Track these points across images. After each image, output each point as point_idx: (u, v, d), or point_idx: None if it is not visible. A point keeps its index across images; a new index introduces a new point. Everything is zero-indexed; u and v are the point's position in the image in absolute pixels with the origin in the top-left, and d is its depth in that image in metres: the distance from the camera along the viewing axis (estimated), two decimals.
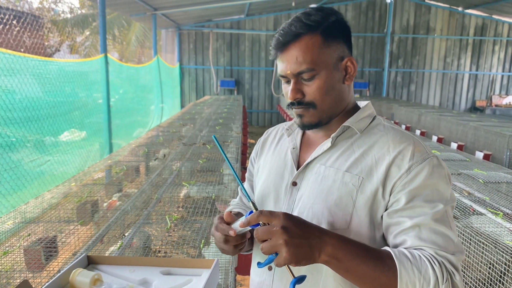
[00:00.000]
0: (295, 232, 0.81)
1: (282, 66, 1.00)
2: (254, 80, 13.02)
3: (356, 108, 1.07)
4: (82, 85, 5.78)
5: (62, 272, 1.14)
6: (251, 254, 1.20)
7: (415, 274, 0.82)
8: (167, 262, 1.24)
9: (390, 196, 0.92)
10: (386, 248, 0.88)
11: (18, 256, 1.51)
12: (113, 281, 1.13)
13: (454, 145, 5.19)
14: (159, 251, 2.00)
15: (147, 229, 2.05)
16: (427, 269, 0.83)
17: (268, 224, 0.83)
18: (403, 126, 7.41)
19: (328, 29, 0.97)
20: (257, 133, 11.76)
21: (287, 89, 1.02)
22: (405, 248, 0.88)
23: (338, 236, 0.85)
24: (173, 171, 3.06)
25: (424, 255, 0.85)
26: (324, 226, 0.96)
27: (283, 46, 0.98)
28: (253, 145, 10.27)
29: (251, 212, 0.88)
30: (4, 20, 3.93)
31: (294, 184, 1.04)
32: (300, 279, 0.84)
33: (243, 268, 2.21)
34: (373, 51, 13.18)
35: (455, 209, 2.39)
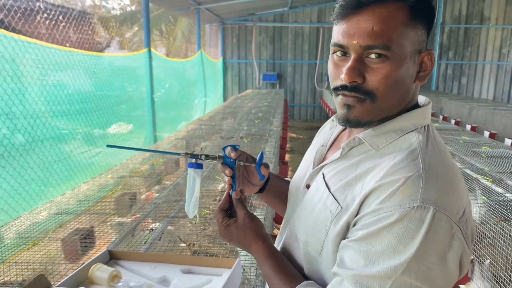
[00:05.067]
0: (232, 234, 0.92)
1: (347, 32, 0.76)
2: (296, 73, 12.87)
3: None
4: (129, 79, 5.94)
5: (81, 266, 1.13)
6: None
7: None
8: (188, 260, 1.20)
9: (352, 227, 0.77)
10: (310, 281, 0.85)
11: (48, 248, 1.54)
12: (132, 278, 1.11)
13: (508, 141, 4.84)
14: (193, 245, 1.98)
15: (177, 223, 2.04)
16: None
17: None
18: (453, 121, 7.03)
19: (419, 5, 0.77)
20: (298, 127, 11.62)
21: (340, 66, 0.79)
22: None
23: (264, 250, 0.89)
24: (209, 164, 3.04)
25: None
26: (300, 245, 0.90)
27: (358, 7, 0.75)
28: (294, 139, 10.15)
29: (260, 161, 0.96)
30: (55, 17, 4.09)
31: (308, 186, 0.95)
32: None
33: None
34: None
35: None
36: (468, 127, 6.47)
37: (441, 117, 7.73)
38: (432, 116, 8.14)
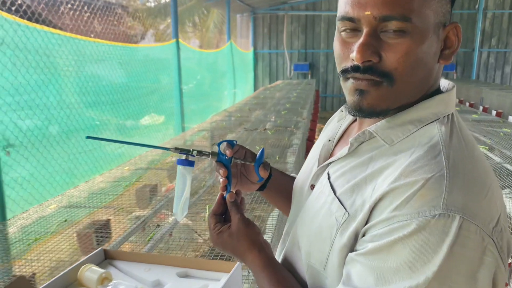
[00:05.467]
0: (226, 242, 0.82)
1: (358, 2, 0.64)
2: (329, 63, 12.57)
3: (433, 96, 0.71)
4: (160, 71, 5.99)
5: (71, 267, 1.07)
6: None
7: None
8: (185, 262, 1.11)
9: (361, 238, 0.65)
10: None
11: (54, 242, 1.50)
12: (123, 281, 1.03)
13: None
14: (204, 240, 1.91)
15: (189, 218, 1.97)
16: None
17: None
18: (493, 112, 6.64)
19: None
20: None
21: (349, 44, 0.67)
22: None
23: (261, 261, 0.79)
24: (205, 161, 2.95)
25: None
26: (303, 256, 0.78)
27: None
28: None
29: (260, 160, 0.87)
30: (90, 10, 4.14)
31: (312, 187, 0.82)
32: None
33: None
34: (462, 30, 11.99)
35: None
36: (511, 118, 6.08)
37: (481, 108, 7.32)
38: (461, 104, 7.73)
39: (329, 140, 0.86)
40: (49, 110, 3.31)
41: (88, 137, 0.82)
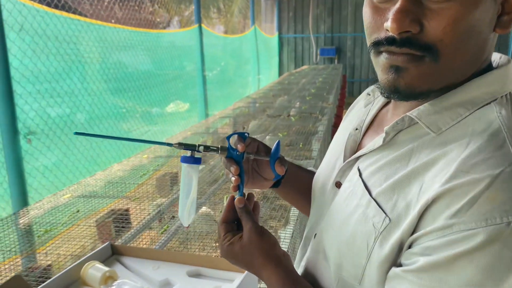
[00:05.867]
0: (237, 255, 0.69)
1: None
2: (357, 47, 12.21)
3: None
4: (183, 57, 5.95)
5: (75, 263, 0.99)
6: None
7: None
8: (197, 260, 1.02)
9: (407, 249, 0.54)
10: None
11: (75, 231, 1.44)
12: (128, 280, 0.95)
13: None
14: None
15: (208, 206, 1.88)
16: None
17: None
18: None
19: None
20: None
21: (382, 11, 0.55)
22: None
23: (278, 277, 0.66)
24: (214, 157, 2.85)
25: None
26: (331, 267, 0.66)
27: None
28: None
29: (276, 154, 0.76)
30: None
31: (338, 185, 0.71)
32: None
33: None
34: None
35: None
36: None
37: None
38: None
39: (356, 129, 0.74)
40: (70, 98, 3.29)
41: (76, 133, 0.73)
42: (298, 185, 0.90)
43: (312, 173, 0.91)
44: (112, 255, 1.08)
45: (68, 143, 3.16)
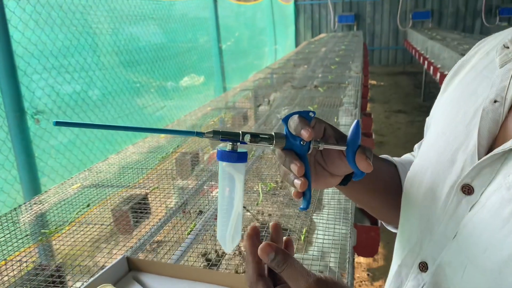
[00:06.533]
0: None
1: None
2: (376, 13, 11.64)
3: None
4: (197, 28, 5.66)
5: (88, 283, 0.76)
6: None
7: None
8: (231, 280, 0.78)
9: None
10: None
11: (71, 236, 1.22)
12: None
13: None
14: (262, 213, 1.58)
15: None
16: None
17: None
18: None
19: None
20: (379, 73, 10.64)
21: None
22: None
23: None
24: (278, 119, 2.58)
25: None
26: None
27: None
28: (374, 87, 9.27)
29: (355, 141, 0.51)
30: None
31: (466, 189, 0.46)
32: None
33: (363, 247, 1.70)
34: None
35: None
36: None
37: None
38: None
39: (495, 102, 0.47)
40: (80, 73, 3.05)
41: (56, 123, 0.48)
42: (375, 181, 0.64)
43: (389, 164, 0.66)
44: (129, 271, 0.85)
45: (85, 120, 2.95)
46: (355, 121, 0.52)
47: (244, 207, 1.81)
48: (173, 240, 1.22)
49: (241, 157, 0.50)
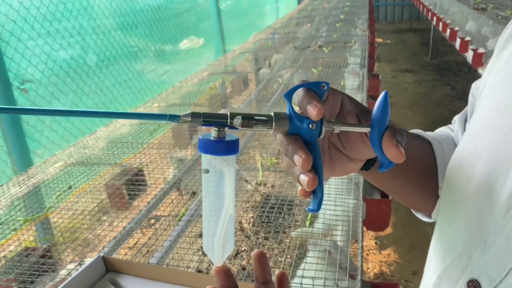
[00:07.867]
0: None
1: None
2: None
3: None
4: None
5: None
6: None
7: None
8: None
9: None
10: None
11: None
12: None
13: None
14: (264, 184, 1.46)
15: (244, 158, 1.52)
16: None
17: None
18: None
19: None
20: (384, 31, 10.26)
21: None
22: None
23: None
24: (280, 84, 2.42)
25: None
26: None
27: None
28: (380, 45, 8.95)
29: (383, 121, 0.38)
30: None
31: None
32: None
33: (373, 221, 1.60)
34: None
35: None
36: None
37: None
38: None
39: None
40: (69, 39, 2.86)
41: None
42: (406, 165, 0.50)
43: (422, 141, 0.53)
44: (107, 272, 0.73)
45: (75, 89, 2.79)
46: (383, 93, 0.38)
47: (245, 180, 1.69)
48: (168, 208, 1.11)
49: (231, 148, 0.37)
